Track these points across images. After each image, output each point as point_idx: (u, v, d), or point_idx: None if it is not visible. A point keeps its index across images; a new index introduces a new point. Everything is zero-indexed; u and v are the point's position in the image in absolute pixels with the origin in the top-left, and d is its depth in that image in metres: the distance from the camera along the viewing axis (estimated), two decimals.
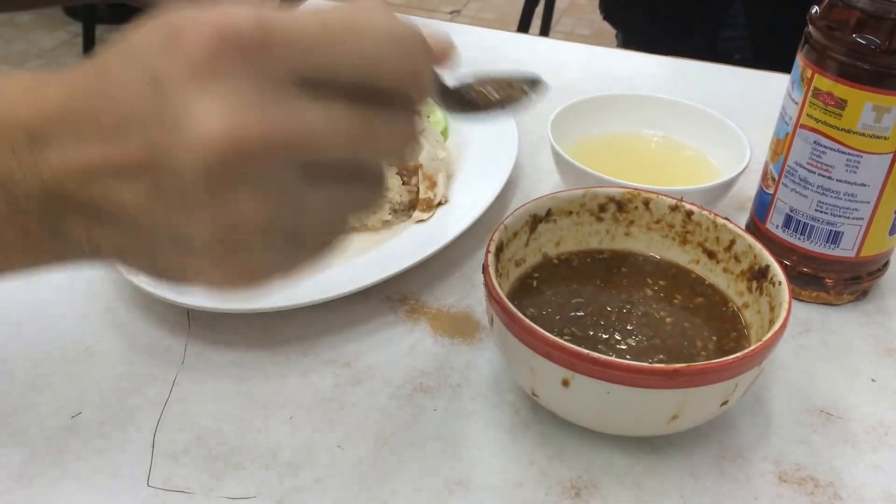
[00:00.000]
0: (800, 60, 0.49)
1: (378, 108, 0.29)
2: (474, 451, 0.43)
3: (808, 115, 0.48)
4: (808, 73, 0.48)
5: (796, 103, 0.49)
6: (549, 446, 0.43)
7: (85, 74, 0.29)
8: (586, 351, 0.38)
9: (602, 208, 0.48)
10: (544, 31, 2.03)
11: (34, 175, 0.29)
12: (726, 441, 0.44)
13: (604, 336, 0.43)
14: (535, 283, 0.47)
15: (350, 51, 0.28)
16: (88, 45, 2.46)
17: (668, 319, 0.45)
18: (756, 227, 0.54)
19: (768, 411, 0.46)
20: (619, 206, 0.48)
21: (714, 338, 0.44)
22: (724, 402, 0.40)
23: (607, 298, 0.46)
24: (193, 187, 0.27)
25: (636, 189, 0.48)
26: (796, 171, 0.50)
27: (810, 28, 0.48)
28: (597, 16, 1.31)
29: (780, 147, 0.51)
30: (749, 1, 1.10)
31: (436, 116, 0.65)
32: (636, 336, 0.43)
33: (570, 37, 2.57)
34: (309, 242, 0.30)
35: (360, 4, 0.29)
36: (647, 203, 0.48)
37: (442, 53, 0.33)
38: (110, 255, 0.30)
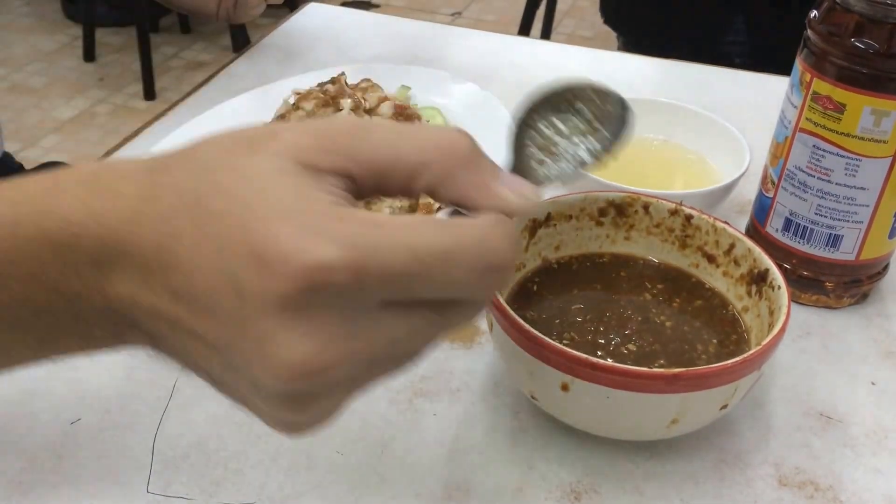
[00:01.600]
0: (799, 64, 0.49)
1: (452, 308, 0.29)
2: (474, 455, 0.43)
3: (807, 118, 0.48)
4: (807, 77, 0.48)
5: (795, 107, 0.49)
6: (549, 450, 0.43)
7: (160, 214, 0.28)
8: (585, 356, 0.37)
9: (602, 212, 0.48)
10: (546, 32, 2.03)
11: (99, 293, 0.29)
12: (726, 445, 0.44)
13: (603, 341, 0.43)
14: (534, 288, 0.47)
15: (441, 281, 0.28)
16: (88, 48, 2.47)
17: (668, 324, 0.45)
18: (756, 230, 0.54)
19: (768, 415, 0.46)
20: (619, 211, 0.48)
21: (714, 341, 0.44)
22: (724, 407, 0.40)
23: (607, 303, 0.46)
24: (266, 402, 0.28)
25: (636, 193, 0.48)
26: (796, 174, 0.50)
27: (809, 32, 0.48)
28: (598, 18, 1.31)
29: (780, 151, 0.51)
30: (750, 6, 1.11)
31: (436, 121, 0.65)
32: (636, 340, 0.43)
33: (571, 38, 2.57)
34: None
35: (458, 226, 0.28)
36: (646, 207, 0.48)
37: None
38: (173, 361, 0.31)
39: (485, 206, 0.30)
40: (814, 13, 0.47)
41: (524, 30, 1.91)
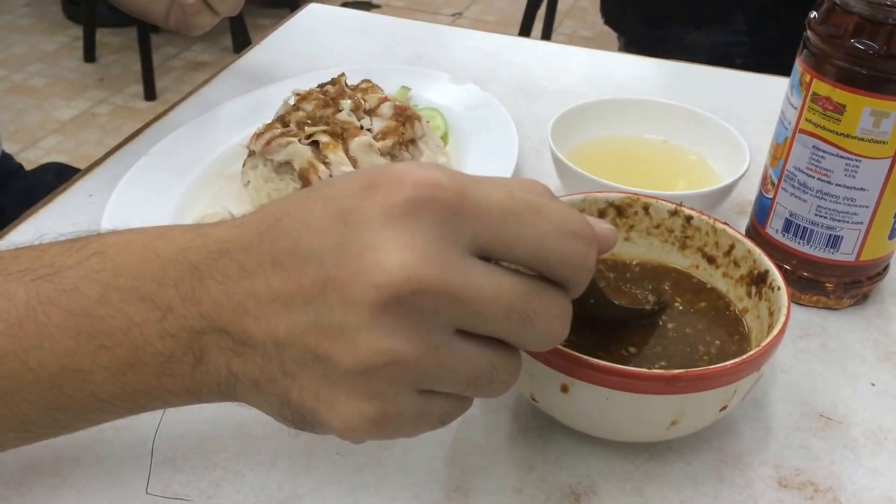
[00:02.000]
0: (798, 65, 0.49)
1: (541, 288, 0.30)
2: (473, 457, 0.43)
3: (806, 119, 0.48)
4: (807, 77, 0.48)
5: (795, 108, 0.49)
6: (548, 452, 0.43)
7: (261, 216, 0.31)
8: (585, 357, 0.37)
9: (601, 213, 0.48)
10: (546, 33, 2.03)
11: (192, 307, 0.31)
12: (726, 446, 0.44)
13: (604, 342, 0.43)
14: None
15: (531, 229, 0.29)
16: (88, 48, 2.47)
17: (669, 325, 0.45)
18: (756, 231, 0.54)
19: (768, 416, 0.46)
20: (619, 211, 0.48)
21: (717, 342, 0.44)
22: (724, 408, 0.40)
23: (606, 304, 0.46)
24: (357, 316, 0.28)
25: (635, 194, 0.48)
26: (795, 175, 0.50)
27: (809, 33, 0.48)
28: (599, 18, 1.31)
29: (780, 152, 0.51)
30: (749, 6, 1.10)
31: (436, 121, 0.65)
32: (637, 342, 0.43)
33: (572, 39, 2.57)
34: (439, 401, 0.31)
35: (535, 189, 0.31)
36: (646, 208, 0.48)
37: (606, 245, 0.34)
38: (245, 389, 0.32)
39: None
40: (813, 14, 0.47)
41: (525, 30, 1.91)
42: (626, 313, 0.43)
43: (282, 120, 0.58)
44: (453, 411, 0.32)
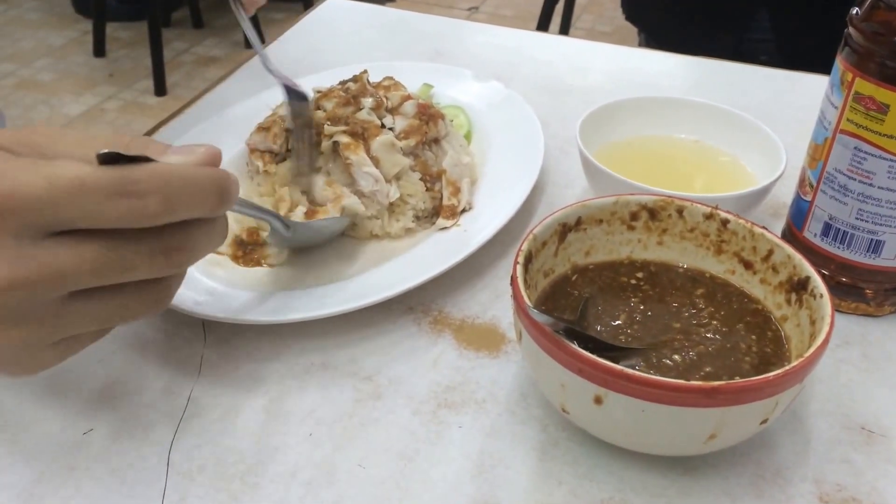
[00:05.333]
0: (839, 63, 0.47)
1: (129, 239, 0.34)
2: (500, 469, 0.41)
3: (848, 119, 0.46)
4: (849, 76, 0.46)
5: (836, 107, 0.47)
6: (578, 465, 0.41)
7: None
8: (620, 367, 0.36)
9: (634, 216, 0.46)
10: (564, 28, 2.01)
11: None
12: (764, 460, 0.42)
13: (638, 350, 0.41)
14: (564, 295, 0.45)
15: (76, 207, 0.33)
16: (98, 42, 2.46)
17: (704, 333, 0.43)
18: (793, 235, 0.52)
19: (807, 429, 0.44)
20: (652, 214, 0.46)
21: (754, 350, 0.42)
22: (764, 421, 0.38)
23: (639, 311, 0.44)
24: None
25: (669, 196, 0.46)
26: (836, 177, 0.48)
27: (850, 30, 0.46)
28: (617, 13, 1.29)
29: (819, 152, 0.49)
30: (775, 4, 1.08)
31: (459, 120, 0.64)
32: (671, 350, 0.42)
33: (590, 34, 2.54)
34: (74, 342, 0.37)
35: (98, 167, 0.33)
36: (680, 211, 0.46)
37: (210, 159, 0.37)
38: None
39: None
40: (855, 10, 0.45)
41: (542, 25, 1.89)
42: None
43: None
44: (99, 335, 0.38)
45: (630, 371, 0.35)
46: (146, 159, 0.34)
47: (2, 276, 0.32)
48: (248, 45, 2.48)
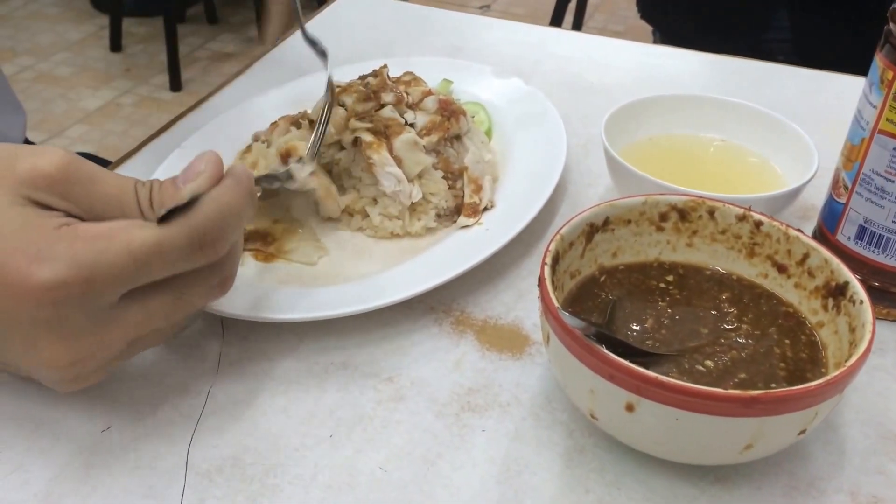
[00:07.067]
0: (879, 61, 0.45)
1: (180, 285, 0.37)
2: (525, 476, 0.40)
3: (888, 119, 0.45)
4: (889, 74, 0.44)
5: (874, 107, 0.45)
6: (606, 473, 0.40)
7: None
8: (654, 374, 0.35)
9: (663, 217, 0.45)
10: (576, 26, 1.99)
11: None
12: (797, 470, 0.41)
13: (668, 355, 0.40)
14: (592, 297, 0.44)
15: (157, 271, 0.35)
16: (115, 37, 2.46)
17: (737, 339, 0.42)
18: (825, 238, 0.50)
19: (841, 438, 0.43)
20: (682, 215, 0.45)
21: (789, 356, 0.41)
22: (802, 431, 0.37)
23: (668, 315, 0.43)
24: (49, 381, 0.38)
25: (700, 197, 0.45)
26: (872, 179, 0.46)
27: (892, 26, 0.44)
28: (630, 12, 1.27)
29: (855, 153, 0.47)
30: (793, 5, 1.06)
31: (479, 116, 0.62)
32: (703, 356, 0.40)
33: (603, 33, 2.51)
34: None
35: (167, 224, 0.35)
36: (711, 212, 0.45)
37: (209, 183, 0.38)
38: None
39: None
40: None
41: (555, 23, 1.87)
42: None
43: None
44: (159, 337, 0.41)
45: (665, 378, 0.34)
46: (195, 200, 0.36)
47: (80, 354, 0.35)
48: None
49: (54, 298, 0.33)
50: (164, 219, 0.35)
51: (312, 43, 0.53)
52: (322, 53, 0.53)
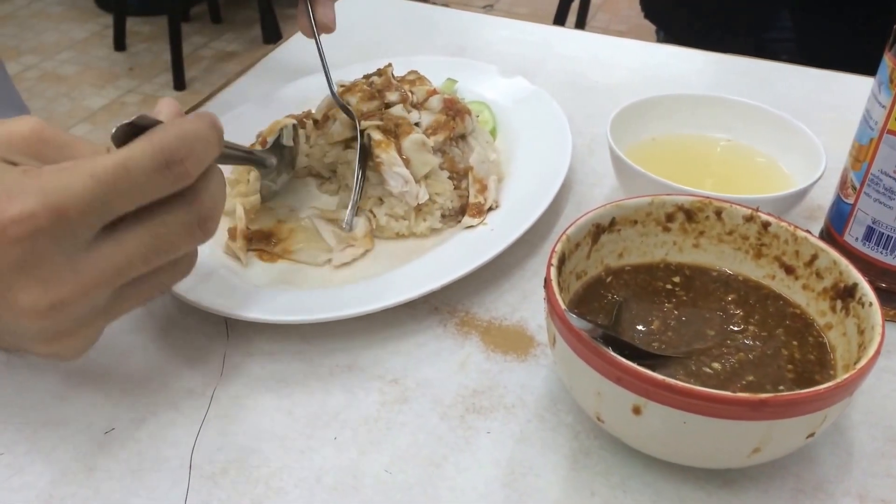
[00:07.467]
0: (888, 60, 0.45)
1: (161, 218, 0.35)
2: (530, 478, 0.40)
3: None
4: None
5: (883, 107, 0.45)
6: (612, 475, 0.40)
7: None
8: (662, 377, 0.34)
9: (669, 217, 0.45)
10: (580, 26, 1.99)
11: None
12: (805, 474, 0.40)
13: (675, 357, 0.40)
14: (597, 299, 0.44)
15: (126, 194, 0.34)
16: (119, 36, 2.46)
17: (744, 341, 0.41)
18: (832, 238, 0.50)
19: (849, 441, 0.42)
20: (689, 216, 0.45)
21: (797, 357, 0.40)
22: (811, 435, 0.36)
23: (674, 316, 0.43)
24: (29, 338, 0.35)
25: (707, 197, 0.45)
26: (881, 179, 0.46)
27: None
28: (633, 12, 1.27)
29: (863, 154, 0.47)
30: (796, 5, 1.06)
31: (484, 116, 0.62)
32: (710, 358, 0.40)
33: (606, 33, 2.51)
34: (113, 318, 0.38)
35: (130, 145, 0.34)
36: (719, 213, 0.44)
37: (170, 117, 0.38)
38: None
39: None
40: None
41: (558, 23, 1.87)
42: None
43: (325, 118, 0.55)
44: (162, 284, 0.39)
45: (672, 381, 0.34)
46: (154, 123, 0.35)
47: (60, 296, 0.33)
48: (265, 40, 2.47)
49: (25, 232, 0.32)
50: (121, 138, 0.34)
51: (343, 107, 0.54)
52: (347, 111, 0.54)
